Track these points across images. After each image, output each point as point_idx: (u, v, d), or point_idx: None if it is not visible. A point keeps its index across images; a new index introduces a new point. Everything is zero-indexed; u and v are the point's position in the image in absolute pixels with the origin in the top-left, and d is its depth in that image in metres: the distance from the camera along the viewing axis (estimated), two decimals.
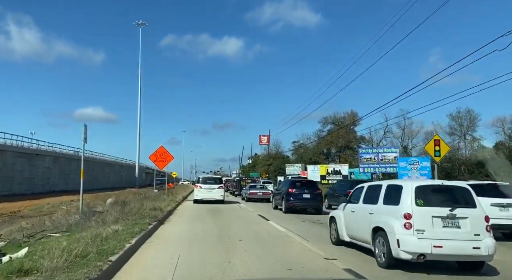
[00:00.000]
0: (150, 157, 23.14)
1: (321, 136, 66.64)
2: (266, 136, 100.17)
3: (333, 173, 45.23)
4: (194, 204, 22.78)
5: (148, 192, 33.98)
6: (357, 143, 64.05)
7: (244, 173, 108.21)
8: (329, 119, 66.68)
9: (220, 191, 23.84)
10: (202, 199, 23.12)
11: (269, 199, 25.93)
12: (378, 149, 31.98)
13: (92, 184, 65.27)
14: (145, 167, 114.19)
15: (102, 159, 71.53)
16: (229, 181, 49.39)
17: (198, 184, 24.60)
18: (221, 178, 29.62)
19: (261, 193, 25.64)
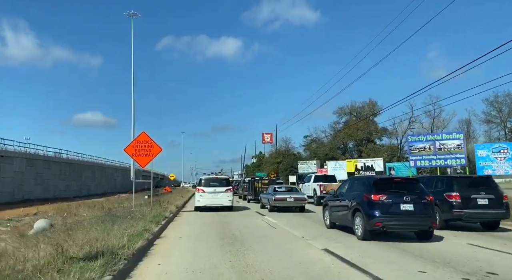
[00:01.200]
0: (126, 149, 15.47)
1: (337, 129, 58.84)
2: (270, 134, 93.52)
3: (363, 170, 37.48)
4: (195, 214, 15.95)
5: (137, 199, 26.42)
6: (379, 136, 56.28)
7: (248, 173, 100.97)
8: (346, 109, 58.86)
9: (228, 195, 19.25)
10: (206, 206, 18.84)
11: (303, 208, 18.31)
12: (435, 135, 24.37)
13: (79, 190, 57.64)
14: (142, 170, 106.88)
15: (91, 162, 63.76)
16: (238, 182, 41.67)
17: (200, 187, 19.58)
18: (228, 179, 22.58)
19: (292, 198, 17.89)
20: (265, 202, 20.31)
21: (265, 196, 20.20)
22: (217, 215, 15.90)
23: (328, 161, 44.88)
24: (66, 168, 52.38)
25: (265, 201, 20.25)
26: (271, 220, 13.89)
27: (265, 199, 20.20)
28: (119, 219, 10.33)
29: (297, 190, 19.71)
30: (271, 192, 19.13)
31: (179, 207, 18.85)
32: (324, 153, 56.70)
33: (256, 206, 22.69)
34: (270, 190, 19.75)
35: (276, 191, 19.35)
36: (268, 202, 18.83)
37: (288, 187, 21.16)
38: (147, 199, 25.75)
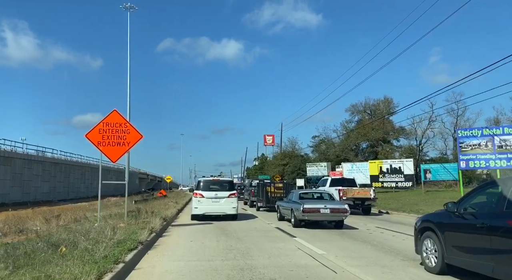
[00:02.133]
0: (88, 134, 10.33)
1: (349, 128, 53.79)
2: (272, 136, 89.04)
3: (390, 172, 32.42)
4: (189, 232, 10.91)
5: (118, 206, 21.54)
6: (396, 136, 51.25)
7: (249, 176, 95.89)
8: (359, 106, 53.83)
9: (232, 201, 16.07)
10: (205, 214, 15.72)
11: (342, 222, 13.31)
12: (494, 129, 19.32)
13: (66, 192, 52.54)
14: (138, 172, 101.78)
15: (81, 162, 58.69)
16: (243, 186, 36.59)
17: (198, 192, 16.09)
18: (231, 182, 18.71)
19: (328, 210, 12.69)
20: (285, 213, 15.26)
21: (286, 205, 15.12)
22: (223, 235, 10.88)
23: (343, 163, 39.79)
24: (51, 168, 47.36)
25: (285, 211, 15.20)
26: (312, 248, 8.66)
27: (285, 209, 15.14)
28: (38, 254, 5.33)
29: (331, 198, 14.57)
30: (296, 200, 14.04)
31: (169, 219, 13.79)
32: (335, 155, 51.61)
33: (270, 217, 17.72)
34: (293, 197, 14.64)
35: (303, 198, 14.29)
36: (292, 214, 13.77)
37: (318, 192, 15.99)
38: (134, 205, 20.68)
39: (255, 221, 16.52)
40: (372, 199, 19.14)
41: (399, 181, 31.57)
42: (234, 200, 16.02)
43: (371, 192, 19.17)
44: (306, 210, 12.84)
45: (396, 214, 18.91)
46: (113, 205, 25.61)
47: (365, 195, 19.16)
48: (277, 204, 17.14)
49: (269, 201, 22.55)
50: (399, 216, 18.19)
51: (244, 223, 15.19)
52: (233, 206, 15.86)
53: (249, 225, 14.23)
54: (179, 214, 18.50)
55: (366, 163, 37.59)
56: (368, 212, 19.28)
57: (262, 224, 14.52)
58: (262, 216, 18.56)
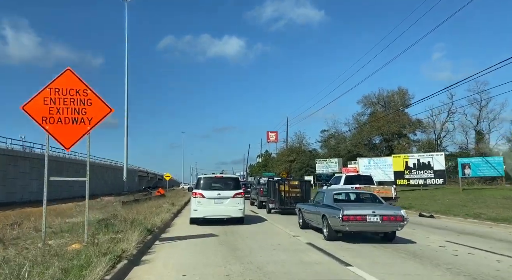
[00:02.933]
0: (26, 106, 6.72)
1: (360, 122, 50.01)
2: (275, 132, 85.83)
3: (417, 168, 28.63)
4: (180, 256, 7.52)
5: (105, 208, 18.07)
6: (413, 129, 47.46)
7: (253, 174, 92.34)
8: (372, 97, 50.00)
9: (238, 202, 13.60)
10: (205, 218, 13.24)
11: (394, 234, 9.73)
12: None
13: (59, 191, 48.92)
14: (137, 169, 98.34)
15: (75, 159, 55.12)
16: (250, 184, 32.90)
17: (197, 191, 13.55)
18: (237, 179, 15.37)
19: (377, 217, 8.86)
20: (311, 219, 11.62)
21: (313, 209, 11.43)
22: (234, 258, 7.37)
23: (359, 159, 36.02)
24: (40, 165, 43.71)
25: (312, 217, 11.55)
26: None
27: (312, 215, 11.47)
28: None
29: (377, 199, 10.80)
30: (329, 204, 10.31)
31: (157, 230, 10.14)
32: (346, 150, 47.91)
33: (289, 222, 14.28)
34: (325, 199, 10.83)
35: (338, 201, 10.58)
36: (325, 222, 10.10)
37: (356, 192, 12.15)
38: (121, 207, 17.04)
39: (271, 228, 12.93)
40: (393, 199, 17.17)
41: (428, 178, 27.84)
42: (241, 201, 13.54)
43: (393, 191, 17.38)
44: (347, 218, 9.15)
45: (446, 219, 15.20)
46: (103, 207, 22.01)
47: (386, 194, 17.04)
48: (298, 207, 13.46)
49: (283, 202, 18.96)
50: (453, 222, 14.49)
51: (258, 232, 11.62)
52: (239, 208, 13.40)
53: (266, 237, 10.58)
54: (174, 220, 14.85)
55: (385, 158, 33.92)
56: None
57: (285, 236, 10.84)
58: (278, 221, 14.95)
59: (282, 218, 16.47)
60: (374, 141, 50.97)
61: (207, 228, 12.14)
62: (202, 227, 12.37)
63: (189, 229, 12.07)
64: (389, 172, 32.90)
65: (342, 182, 20.52)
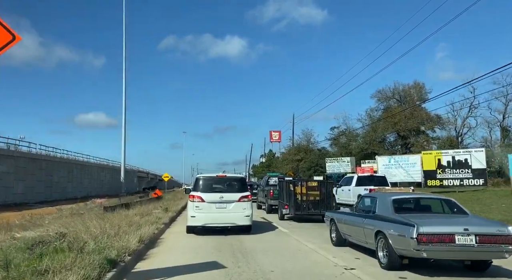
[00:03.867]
0: None
1: (374, 118, 46.35)
2: (278, 132, 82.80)
3: (452, 167, 24.96)
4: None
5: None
6: (432, 125, 43.78)
7: (255, 174, 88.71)
8: (387, 91, 46.34)
9: (244, 206, 11.13)
10: (205, 226, 10.89)
11: (489, 262, 6.17)
12: None
13: (49, 193, 45.48)
14: (136, 170, 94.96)
15: (68, 159, 51.70)
16: (256, 185, 29.40)
17: (196, 193, 11.22)
18: (243, 180, 13.09)
19: (472, 237, 5.51)
20: (351, 233, 8.25)
21: (360, 221, 7.88)
22: None
23: (378, 157, 32.41)
24: (27, 165, 40.29)
25: (352, 231, 8.17)
26: None
27: (354, 228, 8.08)
28: None
29: (459, 208, 7.05)
30: (387, 215, 6.84)
31: (129, 259, 6.52)
32: (359, 148, 44.27)
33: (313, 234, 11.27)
34: (378, 207, 7.20)
35: (403, 210, 7.09)
36: (380, 242, 6.70)
37: (425, 197, 8.37)
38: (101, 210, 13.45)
39: (293, 244, 9.65)
40: None
41: (465, 178, 24.20)
42: (248, 205, 11.35)
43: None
44: (426, 239, 5.64)
45: None
46: (77, 214, 18.40)
47: None
48: (329, 217, 9.95)
49: (299, 207, 15.60)
50: None
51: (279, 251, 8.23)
52: (246, 214, 11.18)
53: (295, 261, 7.07)
54: (163, 234, 11.26)
55: (407, 156, 30.34)
56: None
57: (320, 259, 7.34)
58: (298, 233, 11.75)
59: (300, 228, 13.38)
60: (389, 138, 47.34)
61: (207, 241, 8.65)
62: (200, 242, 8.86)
63: (182, 251, 8.51)
64: (412, 171, 29.32)
65: (354, 183, 19.11)
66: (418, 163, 29.17)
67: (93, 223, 9.25)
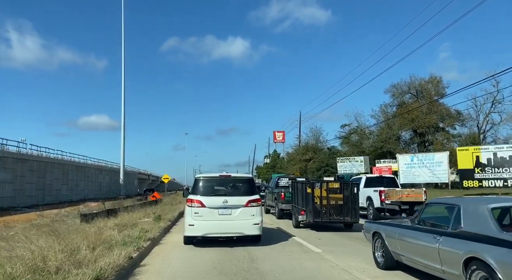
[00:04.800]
0: None
1: (388, 114, 43.19)
2: (282, 132, 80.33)
3: (492, 165, 21.72)
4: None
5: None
6: (452, 122, 40.57)
7: (259, 175, 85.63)
8: (403, 86, 43.14)
9: (253, 212, 9.53)
10: (206, 236, 9.31)
11: None
12: None
13: (41, 196, 42.58)
14: (137, 171, 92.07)
15: (62, 160, 48.77)
16: (264, 186, 26.36)
17: (195, 197, 9.57)
18: (251, 180, 10.97)
19: None
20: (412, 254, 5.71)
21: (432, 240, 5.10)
22: None
23: (399, 155, 29.28)
24: (15, 166, 37.39)
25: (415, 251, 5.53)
26: None
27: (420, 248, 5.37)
28: None
29: None
30: (496, 235, 4.12)
31: None
32: (373, 147, 41.10)
33: (346, 251, 8.61)
34: (465, 219, 4.49)
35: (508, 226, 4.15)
36: (478, 276, 3.88)
37: None
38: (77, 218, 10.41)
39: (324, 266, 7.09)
40: (424, 203, 13.62)
41: (510, 178, 21.07)
42: (257, 211, 9.73)
43: (423, 194, 15.54)
44: None
45: None
46: (60, 220, 15.42)
47: (417, 197, 15.30)
48: (373, 230, 7.34)
49: (319, 213, 12.87)
50: None
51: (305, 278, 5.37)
52: (255, 222, 9.52)
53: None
54: (150, 255, 8.16)
55: (433, 154, 27.29)
56: None
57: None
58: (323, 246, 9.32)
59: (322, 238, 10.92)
60: (404, 136, 44.15)
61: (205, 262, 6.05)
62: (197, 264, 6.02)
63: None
64: (438, 171, 26.22)
65: (362, 184, 17.85)
66: (444, 162, 26.08)
67: (40, 243, 6.20)
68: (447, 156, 25.98)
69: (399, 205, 15.25)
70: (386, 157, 39.14)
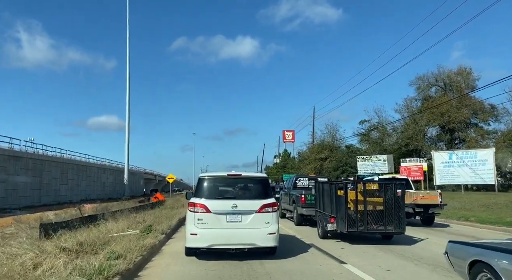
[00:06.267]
0: None
1: (413, 109, 39.37)
2: (291, 131, 77.62)
3: None
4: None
5: None
6: (486, 117, 36.62)
7: (269, 176, 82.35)
8: (430, 77, 39.27)
9: (267, 219, 7.88)
10: (212, 247, 7.66)
11: None
12: None
13: (37, 196, 39.67)
14: (143, 171, 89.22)
15: (61, 158, 45.87)
16: (279, 188, 22.94)
17: (198, 201, 7.95)
18: (266, 181, 8.70)
19: None
20: None
21: None
22: None
23: (435, 152, 25.56)
24: (7, 164, 34.46)
25: None
26: None
27: None
28: None
29: None
30: None
31: None
32: (397, 144, 37.36)
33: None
34: None
35: None
36: None
37: None
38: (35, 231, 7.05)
39: None
40: (439, 206, 14.75)
41: None
42: (273, 218, 7.95)
43: (439, 197, 14.69)
44: None
45: None
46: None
47: (432, 200, 14.60)
48: (471, 256, 4.67)
49: (354, 222, 10.26)
50: None
51: None
52: (270, 231, 7.79)
53: None
54: None
55: (475, 151, 23.57)
56: (431, 223, 15.02)
57: None
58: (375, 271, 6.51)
59: (364, 256, 8.32)
60: (429, 133, 40.28)
61: None
62: None
63: None
64: (482, 171, 22.53)
65: None
66: (490, 160, 22.39)
67: None
68: (493, 154, 22.27)
69: (413, 207, 14.62)
70: (412, 156, 35.42)
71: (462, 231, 12.73)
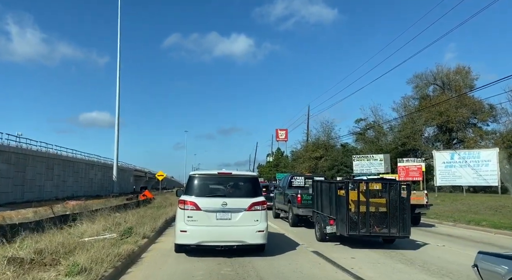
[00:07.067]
0: None
1: (410, 107, 38.51)
2: (285, 130, 76.97)
3: None
4: None
5: None
6: (485, 117, 35.85)
7: (261, 175, 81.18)
8: (428, 76, 38.41)
9: (257, 217, 8.09)
10: (201, 244, 7.87)
11: None
12: None
13: (20, 192, 37.93)
14: (133, 168, 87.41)
15: (45, 152, 44.05)
16: (273, 186, 21.80)
17: (188, 198, 8.11)
18: (256, 179, 9.03)
19: None
20: None
21: None
22: None
23: (436, 152, 24.62)
24: None
25: None
26: None
27: None
28: None
29: None
30: None
31: None
32: (394, 144, 36.45)
33: None
34: None
35: None
36: None
37: None
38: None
39: None
40: (425, 206, 14.61)
41: None
42: (261, 216, 8.12)
43: (425, 197, 14.58)
44: None
45: None
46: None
47: (418, 200, 14.36)
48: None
49: (355, 225, 9.48)
50: None
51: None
52: (259, 229, 7.98)
53: None
54: None
55: (478, 151, 22.79)
56: (417, 223, 14.68)
57: None
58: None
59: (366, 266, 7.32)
60: (426, 133, 39.44)
61: None
62: None
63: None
64: (485, 172, 21.65)
65: None
66: (493, 161, 21.51)
67: None
68: (496, 154, 21.40)
69: None
70: (408, 155, 34.54)
71: (476, 237, 11.69)
